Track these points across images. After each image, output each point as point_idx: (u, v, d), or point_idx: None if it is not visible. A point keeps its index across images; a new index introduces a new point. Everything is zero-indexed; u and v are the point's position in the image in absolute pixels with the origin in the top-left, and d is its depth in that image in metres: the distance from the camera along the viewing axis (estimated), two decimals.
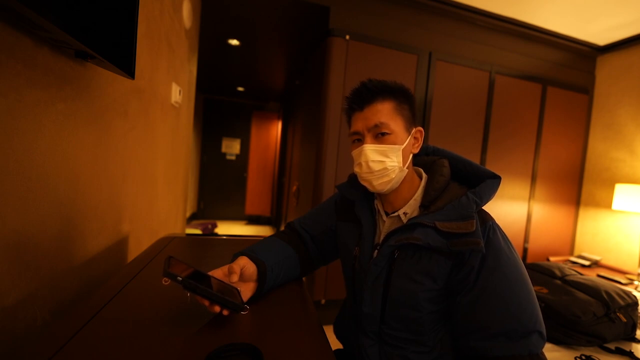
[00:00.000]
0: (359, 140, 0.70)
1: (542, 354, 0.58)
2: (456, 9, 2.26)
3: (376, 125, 0.67)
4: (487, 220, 0.64)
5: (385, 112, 0.67)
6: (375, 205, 0.76)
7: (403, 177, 0.70)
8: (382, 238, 0.71)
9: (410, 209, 0.71)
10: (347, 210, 0.81)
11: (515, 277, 0.60)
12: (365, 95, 0.68)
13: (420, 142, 0.73)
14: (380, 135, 0.67)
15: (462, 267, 0.62)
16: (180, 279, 0.50)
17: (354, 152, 0.71)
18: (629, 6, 2.11)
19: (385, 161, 0.67)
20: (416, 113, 0.72)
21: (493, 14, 2.33)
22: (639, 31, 2.42)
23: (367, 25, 2.11)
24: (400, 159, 0.68)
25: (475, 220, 0.62)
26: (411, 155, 0.71)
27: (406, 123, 0.69)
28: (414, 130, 0.71)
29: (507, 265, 0.60)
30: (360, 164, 0.69)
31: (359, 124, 0.69)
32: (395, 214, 0.71)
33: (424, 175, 0.74)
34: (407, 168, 0.70)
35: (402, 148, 0.68)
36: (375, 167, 0.67)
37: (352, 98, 0.70)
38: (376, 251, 0.71)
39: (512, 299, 0.59)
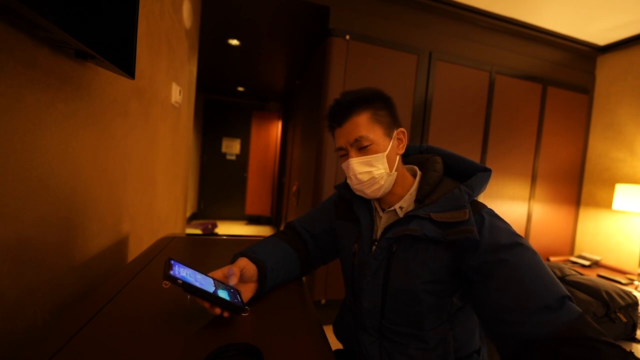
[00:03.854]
0: (345, 155, 0.72)
1: (583, 314, 0.53)
2: (456, 9, 2.26)
3: (356, 140, 0.68)
4: (480, 208, 0.65)
5: (363, 125, 0.68)
6: (372, 203, 0.78)
7: (393, 180, 0.72)
8: (379, 233, 0.73)
9: (405, 203, 0.72)
10: (347, 209, 0.82)
11: (531, 249, 0.58)
12: (341, 111, 0.70)
13: (405, 142, 0.74)
14: (362, 148, 0.69)
15: (466, 256, 0.60)
16: (181, 281, 0.50)
17: (343, 166, 0.73)
18: (629, 6, 2.11)
19: (372, 170, 0.69)
20: (396, 114, 0.73)
21: (493, 14, 2.33)
22: (639, 31, 2.42)
23: (367, 25, 2.11)
24: (386, 165, 0.70)
25: (468, 210, 0.63)
26: (398, 157, 0.73)
27: (386, 129, 0.70)
28: (395, 132, 0.72)
29: (519, 237, 0.60)
30: (350, 178, 0.72)
31: (341, 139, 0.71)
32: (392, 208, 0.74)
33: (418, 172, 0.76)
34: (395, 171, 0.71)
35: (385, 155, 0.69)
36: (364, 178, 0.70)
37: (330, 116, 0.72)
38: (374, 246, 0.73)
39: (538, 270, 0.55)
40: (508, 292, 0.55)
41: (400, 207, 0.72)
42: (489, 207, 0.67)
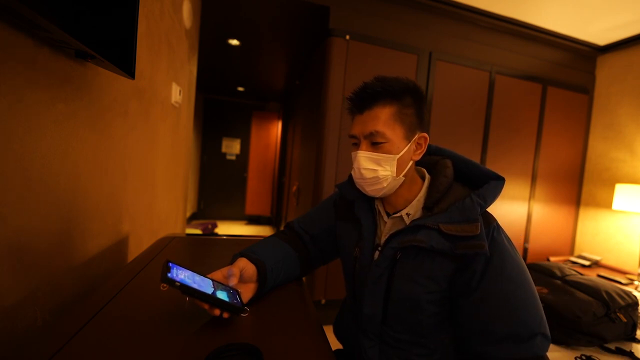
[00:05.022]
0: (356, 145, 0.69)
1: (546, 356, 0.58)
2: (456, 9, 2.26)
3: (371, 134, 0.64)
4: (491, 222, 0.63)
5: (383, 119, 0.64)
6: (376, 206, 0.75)
7: (398, 185, 0.68)
8: (383, 239, 0.70)
9: (413, 209, 0.69)
10: (347, 210, 0.80)
11: (520, 280, 0.60)
12: (366, 98, 0.65)
13: (424, 148, 0.69)
14: (375, 143, 0.65)
15: (466, 270, 0.61)
16: (179, 284, 0.49)
17: (352, 155, 0.70)
18: (629, 6, 2.11)
19: (378, 170, 0.65)
20: (424, 115, 0.68)
21: (493, 14, 2.33)
22: (639, 31, 2.42)
23: (367, 25, 2.11)
24: (394, 168, 0.65)
25: (480, 223, 0.61)
26: (411, 162, 0.68)
27: (407, 130, 0.65)
28: (417, 136, 0.67)
29: (512, 268, 0.60)
30: (354, 169, 0.69)
31: (357, 128, 0.67)
32: (398, 214, 0.70)
33: (427, 176, 0.73)
34: (403, 176, 0.67)
35: (397, 157, 0.65)
36: (367, 174, 0.66)
37: (353, 99, 0.68)
38: (377, 252, 0.71)
39: (517, 302, 0.58)
40: (482, 313, 0.60)
41: (407, 214, 0.69)
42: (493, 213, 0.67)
